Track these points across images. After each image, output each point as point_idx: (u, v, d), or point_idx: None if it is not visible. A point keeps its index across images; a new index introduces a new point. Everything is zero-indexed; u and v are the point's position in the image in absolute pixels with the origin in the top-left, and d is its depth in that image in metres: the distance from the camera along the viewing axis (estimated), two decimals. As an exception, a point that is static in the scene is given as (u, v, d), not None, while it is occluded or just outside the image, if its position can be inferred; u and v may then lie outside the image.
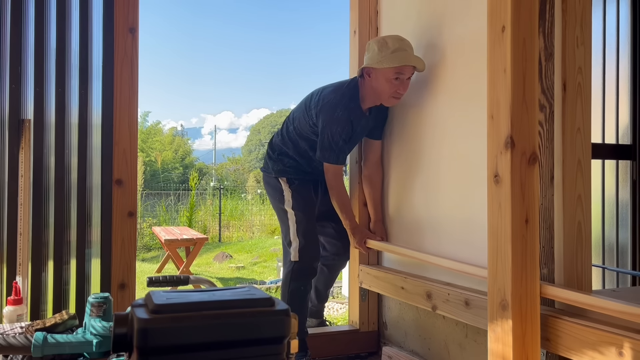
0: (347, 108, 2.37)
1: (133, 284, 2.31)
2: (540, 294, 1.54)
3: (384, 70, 2.28)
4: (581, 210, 1.68)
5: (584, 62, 1.71)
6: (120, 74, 2.28)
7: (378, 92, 2.35)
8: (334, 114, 2.36)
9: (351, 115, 2.38)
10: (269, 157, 2.61)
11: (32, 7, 2.20)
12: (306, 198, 2.52)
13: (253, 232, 11.15)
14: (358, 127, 2.44)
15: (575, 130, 1.69)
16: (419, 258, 2.20)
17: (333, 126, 2.35)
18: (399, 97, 2.35)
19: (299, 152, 2.53)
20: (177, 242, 5.70)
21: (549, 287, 1.55)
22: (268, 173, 2.60)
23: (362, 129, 2.49)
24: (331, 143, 2.37)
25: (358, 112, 2.41)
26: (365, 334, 2.70)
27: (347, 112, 2.36)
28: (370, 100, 2.42)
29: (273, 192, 2.57)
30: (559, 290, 1.52)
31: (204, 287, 1.61)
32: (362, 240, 2.52)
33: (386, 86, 2.31)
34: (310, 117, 2.43)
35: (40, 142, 2.20)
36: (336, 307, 4.15)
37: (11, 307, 1.84)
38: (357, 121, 2.42)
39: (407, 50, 2.29)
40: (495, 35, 1.56)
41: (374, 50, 2.32)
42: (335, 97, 2.38)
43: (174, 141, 26.94)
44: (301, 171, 2.55)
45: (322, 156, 2.41)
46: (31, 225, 2.17)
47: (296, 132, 2.52)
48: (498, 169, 1.55)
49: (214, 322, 0.85)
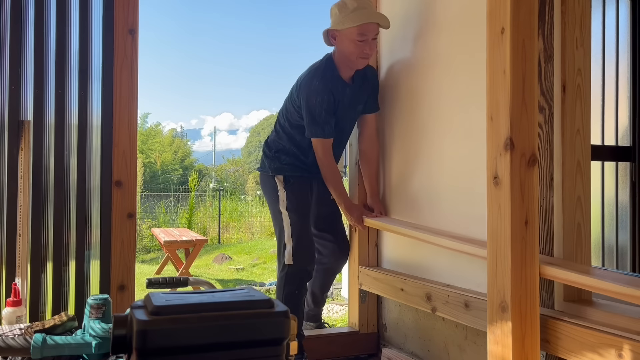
0: (324, 77, 2.37)
1: (132, 285, 2.30)
2: (539, 274, 1.54)
3: (347, 31, 2.31)
4: (581, 211, 1.68)
5: (584, 64, 1.71)
6: (120, 76, 2.28)
7: (346, 54, 2.37)
8: (312, 86, 2.36)
9: (329, 83, 2.37)
10: (265, 156, 2.59)
11: (32, 9, 2.20)
12: (301, 200, 2.49)
13: (252, 234, 11.14)
14: (342, 97, 2.42)
15: (575, 131, 1.69)
16: (419, 237, 2.16)
17: (312, 98, 2.35)
18: (367, 57, 2.37)
19: (294, 143, 2.51)
20: (176, 244, 5.69)
21: (548, 267, 1.54)
22: (265, 172, 2.57)
23: (349, 99, 2.45)
24: (314, 116, 2.36)
25: (337, 81, 2.40)
26: (365, 335, 2.70)
27: (323, 80, 2.36)
28: (345, 65, 2.41)
29: (268, 192, 2.55)
30: (559, 271, 1.51)
31: (203, 289, 1.61)
32: (360, 218, 2.51)
33: (352, 47, 2.33)
34: (296, 103, 2.44)
35: (40, 144, 2.20)
36: (336, 309, 4.15)
37: (10, 308, 1.83)
38: (338, 90, 2.40)
39: (367, 8, 2.31)
40: (495, 36, 1.56)
41: (335, 13, 2.36)
42: (310, 72, 2.42)
43: (173, 142, 26.93)
44: (298, 167, 2.52)
45: (309, 132, 2.40)
46: (30, 226, 2.16)
47: (288, 123, 2.51)
48: (498, 171, 1.55)
49: (213, 324, 0.85)
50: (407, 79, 2.44)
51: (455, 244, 1.92)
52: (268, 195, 2.56)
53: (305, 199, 2.52)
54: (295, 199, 2.47)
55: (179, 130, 32.51)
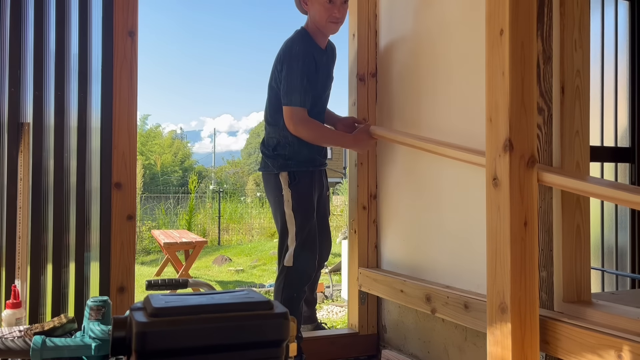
0: (303, 41, 2.35)
1: (132, 287, 2.30)
2: (537, 180, 1.55)
3: None
4: (580, 213, 1.68)
5: (582, 65, 1.72)
6: (119, 78, 2.28)
7: (316, 20, 2.37)
8: (292, 52, 2.32)
9: (309, 47, 2.35)
10: (265, 156, 2.46)
11: (32, 11, 2.20)
12: (306, 200, 2.38)
13: (252, 235, 11.14)
14: (321, 64, 2.39)
15: (574, 133, 1.70)
16: (424, 148, 2.14)
17: (293, 64, 2.30)
18: (337, 21, 2.36)
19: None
20: (176, 246, 5.69)
21: (545, 174, 1.54)
22: (268, 171, 2.44)
23: (327, 67, 2.45)
24: (295, 82, 2.28)
25: (316, 46, 2.39)
26: (365, 337, 2.70)
27: (303, 44, 2.34)
28: (318, 32, 2.40)
29: (272, 192, 2.42)
30: (557, 177, 1.52)
31: (203, 291, 1.61)
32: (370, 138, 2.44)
33: (321, 11, 2.34)
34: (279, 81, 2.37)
35: (40, 146, 2.20)
36: (335, 310, 4.15)
37: (10, 310, 1.84)
38: (319, 54, 2.38)
39: None
40: (494, 38, 1.56)
41: None
42: (287, 42, 2.39)
43: (173, 144, 26.96)
44: (301, 160, 2.38)
45: (287, 101, 2.29)
46: (30, 228, 2.16)
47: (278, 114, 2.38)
48: (497, 172, 1.55)
49: (213, 326, 0.85)
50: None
51: (461, 154, 1.90)
52: (272, 195, 2.44)
53: (311, 199, 2.42)
54: (300, 199, 2.36)
55: (178, 132, 32.59)
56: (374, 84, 2.68)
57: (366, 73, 2.68)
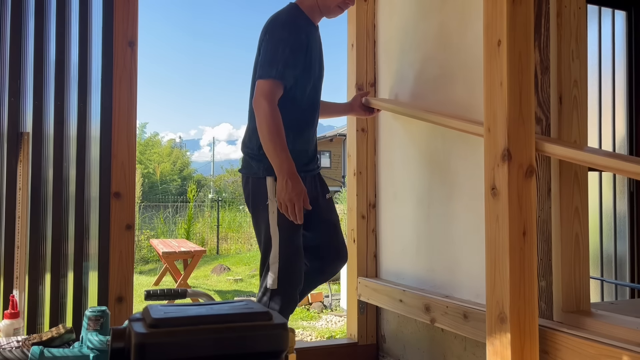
0: (292, 14, 2.04)
1: (130, 297, 2.30)
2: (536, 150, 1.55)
3: None
4: (579, 222, 1.69)
5: (580, 75, 1.73)
6: (119, 87, 2.29)
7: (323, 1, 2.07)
8: (277, 21, 2.01)
9: (301, 21, 2.03)
10: (249, 157, 2.03)
11: (32, 20, 2.21)
12: None
13: (251, 245, 11.12)
14: (313, 40, 2.05)
15: (572, 142, 1.70)
16: (423, 118, 2.11)
17: (277, 32, 1.97)
18: (346, 7, 2.11)
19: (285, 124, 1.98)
20: (174, 255, 5.68)
21: (545, 143, 1.54)
22: (252, 174, 2.02)
23: (319, 45, 2.12)
24: (275, 53, 1.92)
25: (308, 20, 2.06)
26: (364, 347, 2.69)
27: (292, 17, 2.03)
28: (314, 11, 2.09)
29: (255, 199, 2.02)
30: (555, 147, 1.53)
31: (202, 301, 1.60)
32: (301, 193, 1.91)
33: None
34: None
35: (39, 155, 2.20)
36: (334, 320, 4.13)
37: (8, 320, 1.83)
38: (311, 30, 2.05)
39: None
40: (492, 49, 1.57)
41: None
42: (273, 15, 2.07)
43: (172, 153, 26.97)
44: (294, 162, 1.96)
45: (261, 73, 1.92)
46: (29, 238, 2.16)
47: None
48: (495, 182, 1.55)
49: (212, 337, 0.85)
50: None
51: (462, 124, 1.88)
52: (254, 202, 2.03)
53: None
54: None
55: (177, 141, 32.58)
56: (373, 93, 2.69)
57: (365, 82, 2.70)
